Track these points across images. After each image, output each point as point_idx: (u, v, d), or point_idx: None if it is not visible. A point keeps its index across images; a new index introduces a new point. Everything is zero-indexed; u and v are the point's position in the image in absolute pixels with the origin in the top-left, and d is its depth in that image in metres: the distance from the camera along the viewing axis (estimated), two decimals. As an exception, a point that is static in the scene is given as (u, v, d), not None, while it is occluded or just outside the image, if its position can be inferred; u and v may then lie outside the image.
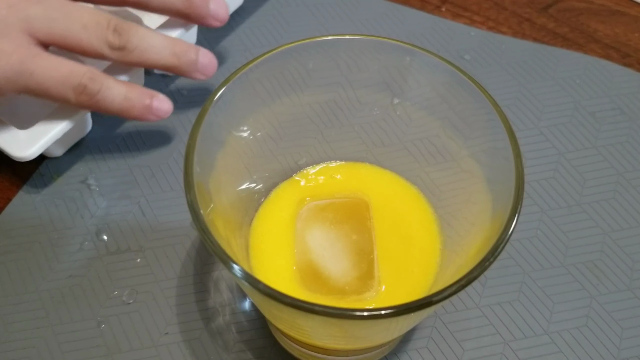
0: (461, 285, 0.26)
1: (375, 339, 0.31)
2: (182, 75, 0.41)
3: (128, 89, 0.39)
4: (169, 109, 0.41)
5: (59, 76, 0.37)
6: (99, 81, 0.38)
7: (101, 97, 0.38)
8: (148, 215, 0.41)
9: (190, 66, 0.41)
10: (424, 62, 0.33)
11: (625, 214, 0.41)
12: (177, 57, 0.40)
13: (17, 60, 0.36)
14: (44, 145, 0.39)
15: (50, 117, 0.39)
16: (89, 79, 0.37)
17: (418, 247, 0.34)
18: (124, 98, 0.39)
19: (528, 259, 0.39)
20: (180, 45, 0.41)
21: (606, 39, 0.51)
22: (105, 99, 0.38)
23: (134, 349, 0.36)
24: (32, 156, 0.38)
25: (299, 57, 0.33)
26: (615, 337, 0.37)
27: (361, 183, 0.36)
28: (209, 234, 0.27)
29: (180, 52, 0.40)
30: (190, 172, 0.28)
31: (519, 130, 0.45)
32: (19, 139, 0.39)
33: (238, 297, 0.38)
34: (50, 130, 0.39)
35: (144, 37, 0.39)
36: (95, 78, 0.38)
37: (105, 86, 0.38)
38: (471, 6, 0.53)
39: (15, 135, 0.39)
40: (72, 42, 0.38)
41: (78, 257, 0.39)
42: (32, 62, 0.36)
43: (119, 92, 0.39)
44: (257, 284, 0.25)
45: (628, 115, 0.46)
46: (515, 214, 0.27)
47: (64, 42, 0.38)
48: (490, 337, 0.37)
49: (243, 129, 0.33)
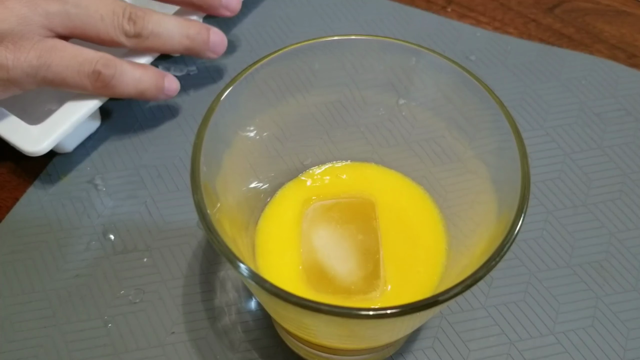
0: (467, 285, 0.26)
1: (381, 339, 0.31)
2: (195, 55, 0.44)
3: (142, 71, 0.41)
4: (177, 88, 0.43)
5: (75, 65, 0.38)
6: (112, 66, 0.39)
7: (117, 82, 0.39)
8: (154, 215, 0.41)
9: (203, 46, 0.43)
10: (429, 63, 0.33)
11: (631, 214, 0.41)
12: (191, 39, 0.42)
13: (35, 56, 0.37)
14: (55, 140, 0.39)
15: (61, 111, 0.40)
16: (103, 65, 0.39)
17: (424, 247, 0.34)
18: (138, 81, 0.40)
19: (534, 259, 0.39)
20: (193, 27, 0.42)
21: (612, 39, 0.51)
22: (120, 84, 0.40)
23: (140, 348, 0.36)
24: (43, 151, 0.39)
25: (305, 57, 0.33)
26: (621, 337, 0.37)
27: (367, 183, 0.36)
28: (216, 233, 0.27)
29: (194, 34, 0.42)
30: (197, 172, 0.28)
31: (524, 130, 0.45)
32: (30, 134, 0.39)
33: (244, 296, 0.38)
34: (61, 125, 0.39)
35: (158, 23, 0.41)
36: (108, 64, 0.39)
37: (119, 71, 0.39)
38: (477, 7, 0.53)
39: (27, 131, 0.39)
40: (90, 34, 0.39)
41: (85, 256, 0.39)
42: (49, 55, 0.38)
43: (132, 75, 0.40)
44: (263, 283, 0.26)
45: (634, 116, 0.46)
46: (521, 214, 0.27)
47: (83, 34, 0.39)
48: (496, 337, 0.37)
49: (249, 129, 0.33)
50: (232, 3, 0.44)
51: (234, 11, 0.44)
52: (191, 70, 0.47)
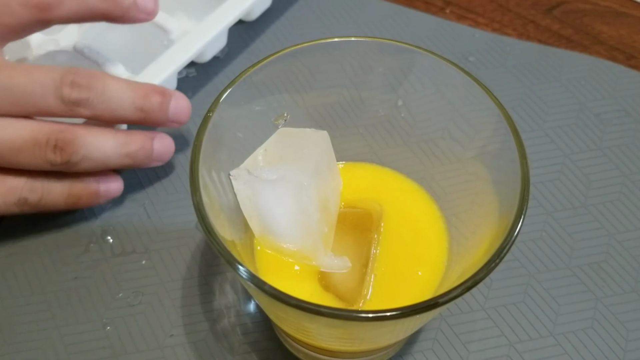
0: (466, 287, 0.26)
1: (380, 341, 0.31)
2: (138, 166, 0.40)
3: (71, 184, 0.38)
4: (117, 190, 0.40)
5: (1, 193, 0.36)
6: (39, 190, 0.37)
7: (44, 204, 0.37)
8: (153, 217, 0.41)
9: (145, 160, 0.39)
10: (428, 64, 0.33)
11: (631, 215, 0.41)
12: (131, 157, 0.38)
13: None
14: None
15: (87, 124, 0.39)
16: (29, 190, 0.37)
17: (425, 249, 0.34)
18: (67, 196, 0.38)
19: (533, 260, 0.39)
20: (134, 143, 0.38)
21: (611, 40, 0.51)
22: (48, 204, 0.38)
23: (139, 350, 0.36)
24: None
25: (304, 59, 0.33)
26: (620, 339, 0.37)
27: (367, 184, 0.36)
28: (215, 235, 0.27)
29: (134, 150, 0.38)
30: (196, 174, 0.28)
31: (524, 132, 0.45)
32: None
33: (243, 299, 0.38)
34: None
35: (91, 144, 0.36)
36: (34, 188, 0.37)
37: (46, 191, 0.37)
38: (476, 8, 0.53)
39: None
40: (15, 165, 0.36)
41: (84, 259, 0.39)
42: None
43: (61, 192, 0.38)
44: (262, 286, 0.26)
45: (633, 116, 0.46)
46: (521, 215, 0.27)
47: (7, 164, 0.36)
48: (496, 339, 0.37)
49: (248, 131, 0.33)
50: (181, 116, 0.39)
51: (182, 122, 0.40)
52: (190, 72, 0.47)
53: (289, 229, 0.31)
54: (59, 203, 0.38)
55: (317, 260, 0.32)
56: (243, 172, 0.31)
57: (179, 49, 0.42)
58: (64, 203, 0.38)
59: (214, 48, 0.46)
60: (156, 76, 0.41)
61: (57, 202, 0.38)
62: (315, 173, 0.32)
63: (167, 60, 0.42)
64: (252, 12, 0.48)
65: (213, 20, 0.44)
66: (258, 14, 0.49)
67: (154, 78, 0.41)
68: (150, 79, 0.41)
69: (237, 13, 0.44)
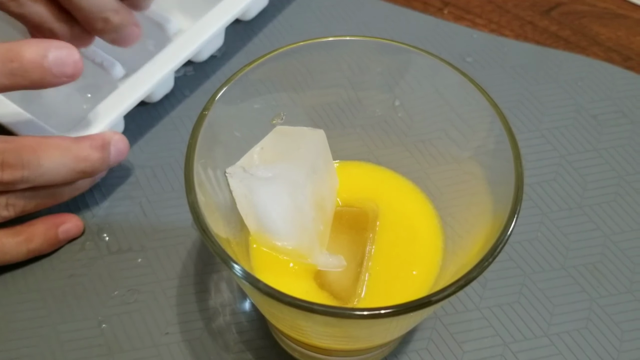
0: (460, 285, 0.26)
1: (375, 339, 0.31)
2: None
3: (26, 236, 0.37)
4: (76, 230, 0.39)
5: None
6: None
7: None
8: (149, 215, 0.41)
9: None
10: (425, 64, 0.33)
11: (626, 216, 0.41)
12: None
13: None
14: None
15: (86, 121, 0.39)
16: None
17: (420, 248, 0.34)
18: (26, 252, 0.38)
19: (528, 261, 0.39)
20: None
21: (608, 42, 0.51)
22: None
23: (134, 348, 0.36)
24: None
25: (301, 58, 0.33)
26: (615, 339, 0.37)
27: (363, 183, 0.36)
28: (210, 234, 0.27)
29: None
30: (191, 173, 0.28)
31: (520, 132, 0.45)
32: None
33: (238, 297, 0.38)
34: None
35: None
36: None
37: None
38: (473, 9, 0.53)
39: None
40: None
41: (80, 256, 0.39)
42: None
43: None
44: (257, 284, 0.26)
45: (630, 118, 0.46)
46: (515, 215, 0.27)
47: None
48: (490, 338, 0.37)
49: (244, 129, 0.33)
50: (120, 158, 0.38)
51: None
52: (188, 71, 0.47)
53: (284, 227, 0.31)
54: (20, 255, 0.37)
55: (313, 258, 0.32)
56: (239, 169, 0.31)
57: (176, 47, 0.42)
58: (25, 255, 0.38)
59: (211, 47, 0.46)
60: (153, 75, 0.41)
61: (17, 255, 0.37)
62: (312, 172, 0.32)
63: (165, 59, 0.42)
64: (249, 11, 0.48)
65: (210, 19, 0.44)
66: (255, 13, 0.49)
67: (151, 77, 0.41)
68: (147, 77, 0.41)
69: (235, 12, 0.44)
